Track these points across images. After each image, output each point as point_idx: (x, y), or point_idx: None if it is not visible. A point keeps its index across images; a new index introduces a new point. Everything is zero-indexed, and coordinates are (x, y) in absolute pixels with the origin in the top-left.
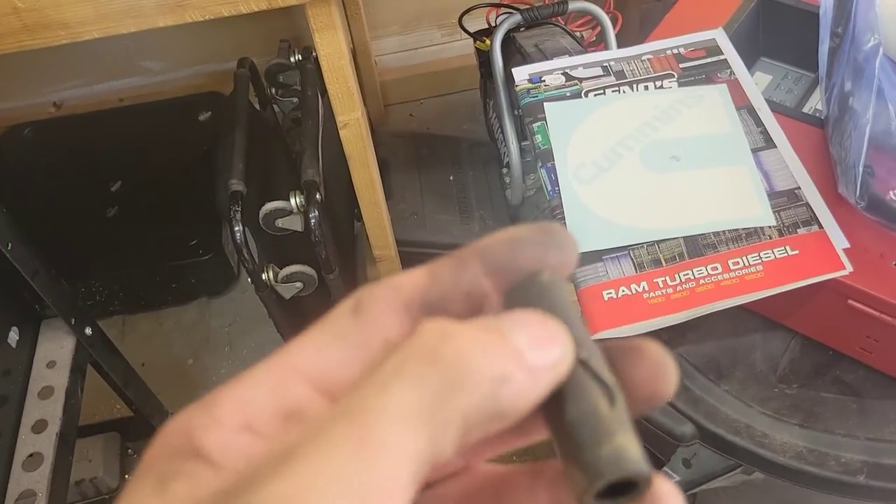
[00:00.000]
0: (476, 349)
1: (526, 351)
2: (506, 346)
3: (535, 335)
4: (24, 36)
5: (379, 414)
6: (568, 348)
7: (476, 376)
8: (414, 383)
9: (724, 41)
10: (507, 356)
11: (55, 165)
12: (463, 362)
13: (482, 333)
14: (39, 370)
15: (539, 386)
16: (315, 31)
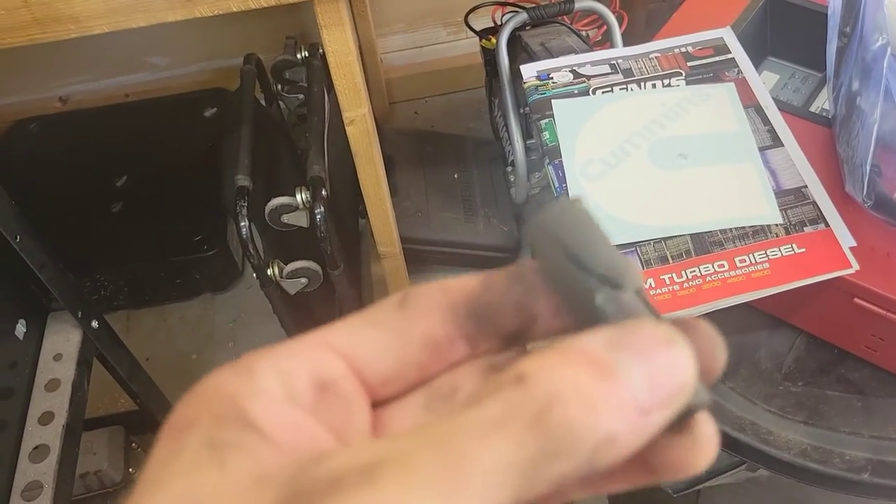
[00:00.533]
0: (584, 413)
1: (641, 396)
2: (617, 399)
3: (655, 372)
4: (35, 29)
5: (475, 462)
6: (691, 375)
7: (579, 444)
8: (516, 441)
9: (732, 40)
10: (617, 412)
11: (61, 160)
12: (568, 433)
13: (592, 384)
14: (46, 362)
15: (648, 432)
16: (323, 27)
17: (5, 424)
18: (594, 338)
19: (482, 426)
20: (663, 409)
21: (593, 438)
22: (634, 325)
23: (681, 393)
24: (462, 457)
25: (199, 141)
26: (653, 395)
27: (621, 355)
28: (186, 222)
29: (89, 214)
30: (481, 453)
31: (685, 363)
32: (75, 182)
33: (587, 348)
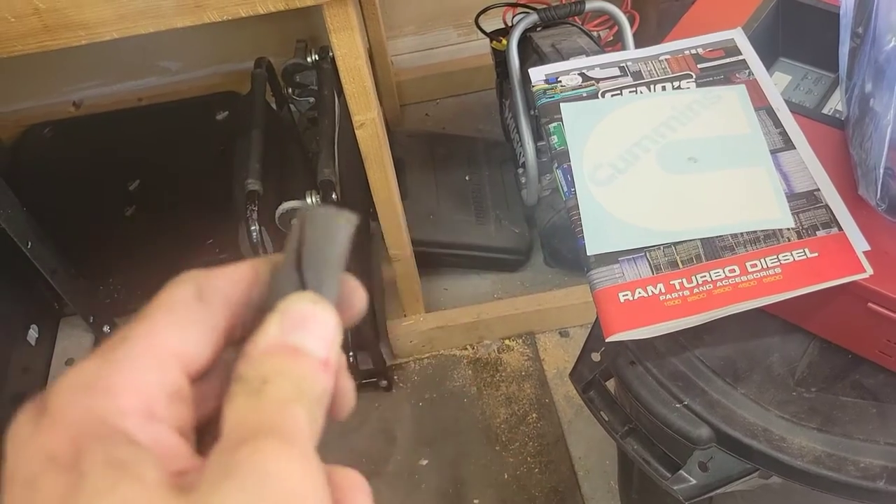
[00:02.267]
0: (314, 386)
1: (323, 353)
2: (315, 365)
3: (319, 332)
4: (45, 36)
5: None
6: (336, 317)
7: (318, 399)
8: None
9: (743, 41)
10: (321, 374)
11: (74, 165)
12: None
13: (299, 367)
14: (58, 368)
15: (339, 366)
16: (332, 32)
17: None
18: (272, 329)
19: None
20: (337, 349)
21: (321, 394)
22: (283, 308)
23: (338, 332)
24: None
25: (210, 144)
26: (328, 347)
27: (295, 334)
28: (198, 226)
29: (102, 218)
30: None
31: (328, 313)
32: (88, 186)
33: (274, 341)
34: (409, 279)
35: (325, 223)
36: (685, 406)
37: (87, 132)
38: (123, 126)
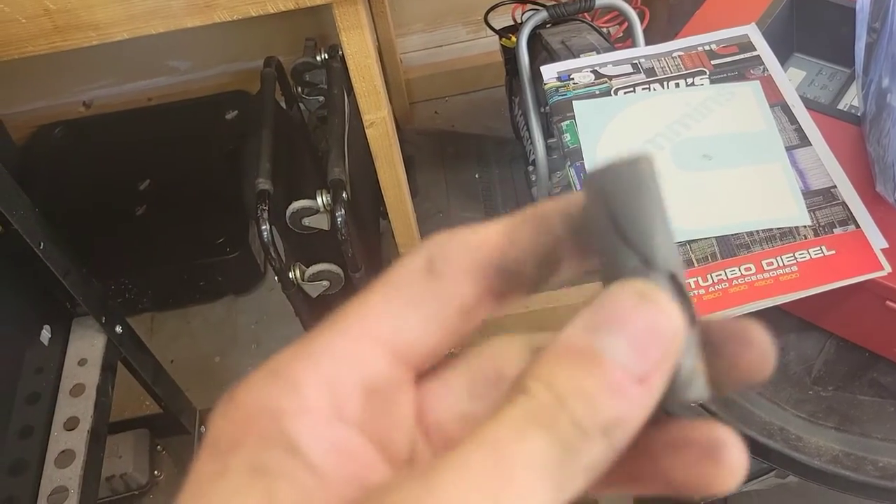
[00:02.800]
0: (585, 409)
1: (631, 365)
2: (609, 382)
3: (637, 336)
4: (56, 37)
5: (518, 459)
6: (677, 333)
7: (591, 436)
8: (548, 437)
9: (757, 37)
10: (614, 395)
11: (85, 164)
12: (579, 430)
13: (584, 376)
14: (71, 368)
15: (653, 395)
16: (342, 31)
17: (31, 430)
18: (573, 328)
19: (518, 425)
20: (659, 368)
21: (600, 427)
22: (606, 297)
23: (671, 345)
24: (508, 457)
25: (220, 143)
26: (642, 360)
27: (600, 335)
28: (209, 225)
29: (113, 218)
30: (522, 449)
31: (666, 315)
32: (99, 186)
33: (570, 341)
34: None
35: (633, 176)
36: (700, 406)
37: (97, 132)
38: (133, 126)
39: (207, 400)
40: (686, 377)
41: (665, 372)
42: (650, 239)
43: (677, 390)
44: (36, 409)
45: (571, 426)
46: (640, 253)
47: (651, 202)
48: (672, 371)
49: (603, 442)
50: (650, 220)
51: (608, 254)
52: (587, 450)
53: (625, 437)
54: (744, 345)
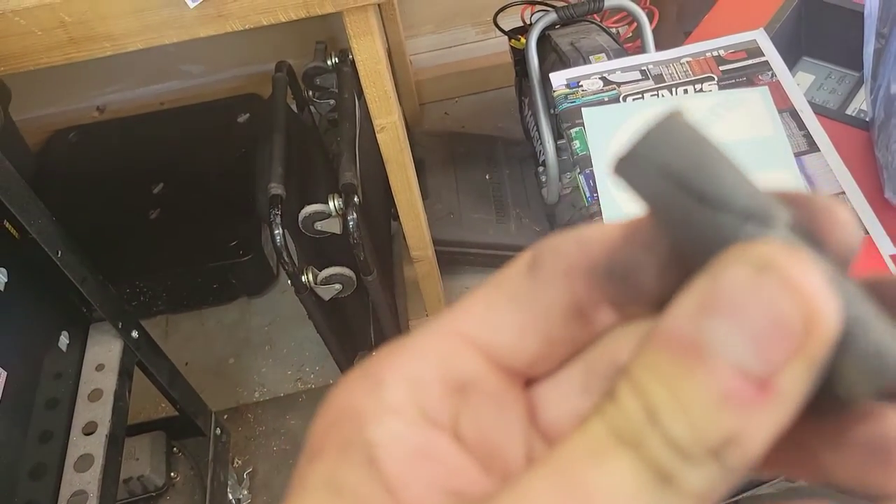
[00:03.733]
0: (682, 425)
1: (749, 363)
2: (716, 388)
3: (756, 321)
4: (71, 48)
5: (594, 489)
6: (818, 317)
7: (693, 460)
8: (634, 461)
9: (766, 42)
10: (721, 406)
11: (99, 169)
12: (675, 451)
13: (682, 379)
14: (89, 373)
15: (786, 402)
16: (352, 37)
17: (51, 435)
18: (679, 308)
19: (596, 447)
20: (793, 366)
21: (706, 449)
22: (719, 267)
23: (812, 330)
24: (584, 486)
25: (233, 147)
26: (766, 358)
27: (712, 320)
28: (222, 228)
29: (128, 222)
30: (597, 481)
31: (799, 290)
32: (114, 190)
33: (672, 328)
34: (432, 279)
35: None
36: None
37: (111, 137)
38: (147, 130)
39: (222, 402)
40: (865, 353)
41: (805, 368)
42: (739, 187)
43: (858, 374)
44: (55, 415)
45: (665, 447)
46: (734, 208)
47: (716, 153)
48: (822, 362)
49: (713, 467)
50: (730, 171)
51: (694, 227)
52: (690, 477)
53: (747, 458)
54: (826, 221)
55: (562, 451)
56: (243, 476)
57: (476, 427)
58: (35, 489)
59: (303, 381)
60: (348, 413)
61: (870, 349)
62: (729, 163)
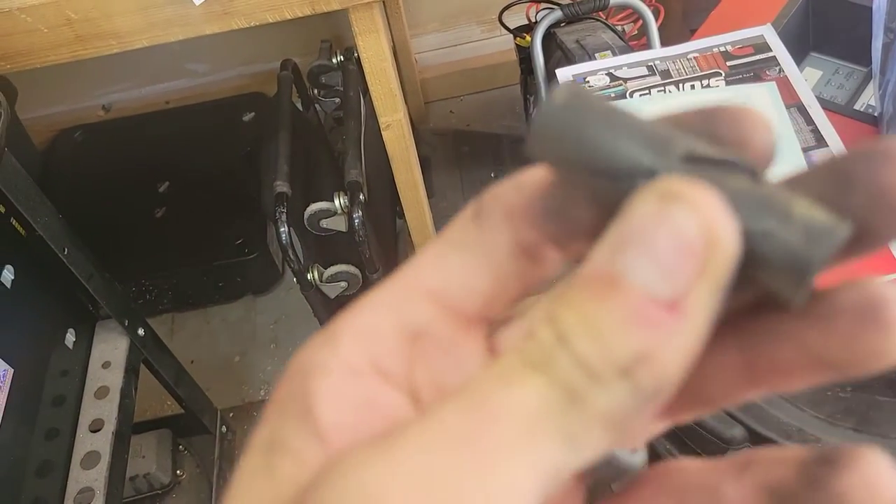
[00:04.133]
0: (590, 344)
1: (657, 288)
2: (626, 309)
3: (660, 248)
4: (77, 46)
5: (504, 409)
6: (717, 236)
7: (602, 379)
8: (544, 381)
9: (773, 37)
10: (630, 326)
11: (105, 167)
12: (583, 371)
13: (595, 305)
14: (95, 370)
15: (696, 316)
16: (358, 35)
17: (57, 432)
18: (597, 251)
19: (506, 371)
20: (699, 284)
21: (616, 367)
22: (627, 208)
23: (714, 247)
24: (490, 408)
25: (238, 145)
26: (673, 280)
27: (624, 254)
28: (227, 226)
29: (133, 220)
30: (510, 397)
31: (697, 212)
32: (119, 188)
33: (590, 268)
34: None
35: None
36: None
37: (116, 135)
38: (152, 128)
39: (228, 399)
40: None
41: (711, 287)
42: (627, 149)
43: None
44: (62, 412)
45: (574, 367)
46: (625, 173)
47: (600, 115)
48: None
49: (623, 386)
50: (610, 133)
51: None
52: (601, 396)
53: (660, 378)
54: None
55: (473, 380)
56: None
57: (430, 374)
58: (42, 486)
59: None
60: (299, 369)
61: (781, 254)
62: (616, 123)
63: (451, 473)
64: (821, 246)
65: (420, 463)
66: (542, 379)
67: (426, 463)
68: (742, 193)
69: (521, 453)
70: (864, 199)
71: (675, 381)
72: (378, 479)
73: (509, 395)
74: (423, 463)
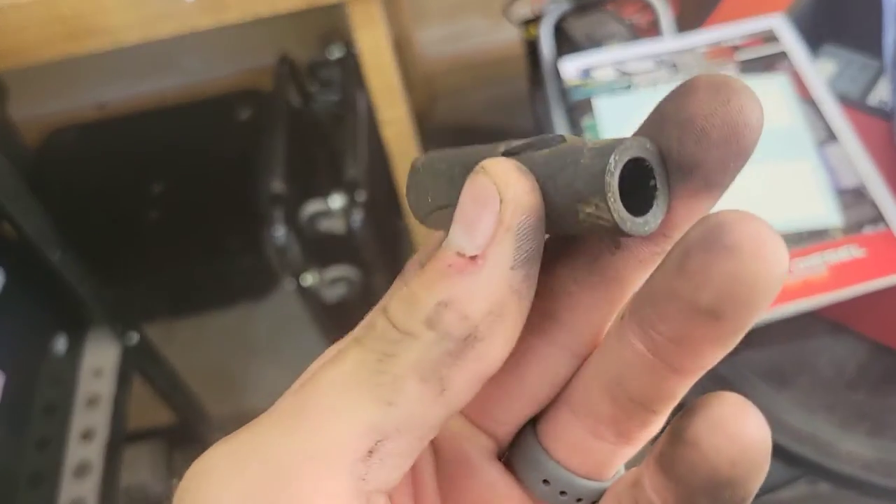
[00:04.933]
0: (405, 301)
1: (461, 244)
2: (435, 268)
3: (463, 212)
4: (70, 43)
5: (324, 380)
6: (506, 184)
7: (408, 325)
8: (357, 350)
9: (784, 29)
10: (436, 278)
11: (98, 168)
12: (396, 323)
13: (412, 278)
14: (86, 378)
15: (497, 260)
16: (356, 28)
17: (48, 442)
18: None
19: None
20: (497, 234)
21: (421, 320)
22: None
23: (507, 204)
24: (312, 384)
25: (234, 144)
26: (472, 236)
27: (451, 232)
28: (223, 228)
29: (127, 222)
30: (327, 372)
31: (489, 175)
32: (112, 190)
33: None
34: None
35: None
36: None
37: (110, 135)
38: (146, 128)
39: (223, 408)
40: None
41: (509, 237)
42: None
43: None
44: (52, 421)
45: (387, 329)
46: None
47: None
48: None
49: (431, 334)
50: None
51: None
52: (410, 349)
53: (466, 319)
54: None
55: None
56: None
57: None
58: (33, 498)
59: None
60: None
61: (581, 182)
62: (448, 165)
63: (274, 441)
64: (606, 156)
65: (245, 440)
66: (358, 347)
67: (251, 438)
68: (544, 156)
69: (338, 414)
70: (675, 130)
71: (481, 323)
72: (205, 460)
73: (332, 368)
74: (248, 439)
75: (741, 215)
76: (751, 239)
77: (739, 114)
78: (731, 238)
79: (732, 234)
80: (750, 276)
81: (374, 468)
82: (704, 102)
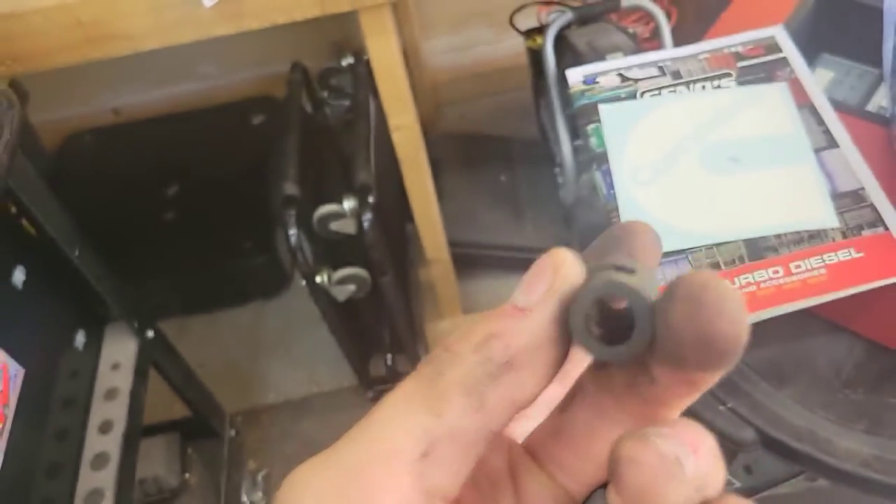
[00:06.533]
0: (456, 337)
1: (517, 302)
2: (496, 312)
3: (526, 280)
4: (88, 48)
5: (383, 402)
6: (560, 264)
7: (458, 349)
8: (418, 373)
9: (784, 38)
10: (491, 318)
11: (115, 170)
12: (449, 348)
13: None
14: (105, 372)
15: (540, 314)
16: (367, 37)
17: (67, 433)
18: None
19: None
20: (545, 296)
21: (471, 346)
22: None
23: (556, 274)
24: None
25: (247, 149)
26: (527, 294)
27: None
28: (236, 229)
29: (142, 223)
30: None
31: (552, 256)
32: (129, 191)
33: None
34: (447, 281)
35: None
36: (729, 409)
37: (126, 138)
38: (162, 132)
39: (236, 404)
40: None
41: (551, 298)
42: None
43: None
44: (71, 413)
45: (439, 354)
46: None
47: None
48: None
49: (476, 357)
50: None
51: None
52: (457, 368)
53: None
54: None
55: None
56: (258, 478)
57: None
58: (51, 487)
59: (317, 383)
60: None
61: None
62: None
63: (346, 450)
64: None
65: (326, 453)
66: (415, 373)
67: (330, 451)
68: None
69: (397, 422)
70: (663, 330)
71: (520, 355)
72: (295, 471)
73: (394, 391)
74: (328, 452)
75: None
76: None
77: (709, 325)
78: (709, 297)
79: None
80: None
81: (429, 468)
82: (680, 313)
